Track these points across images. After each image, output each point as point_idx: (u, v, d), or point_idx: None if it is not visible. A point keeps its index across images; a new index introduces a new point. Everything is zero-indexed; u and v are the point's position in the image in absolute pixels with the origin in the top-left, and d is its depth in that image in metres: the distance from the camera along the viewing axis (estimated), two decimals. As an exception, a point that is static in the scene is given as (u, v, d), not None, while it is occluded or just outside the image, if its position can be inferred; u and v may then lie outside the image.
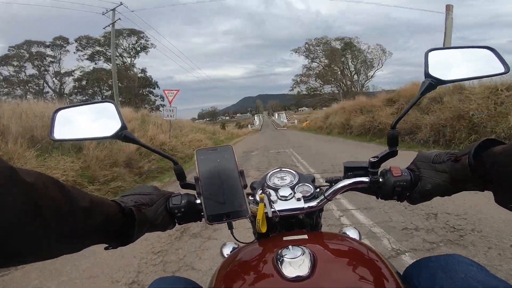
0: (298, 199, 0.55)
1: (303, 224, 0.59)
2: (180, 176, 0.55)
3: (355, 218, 2.71)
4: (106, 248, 0.42)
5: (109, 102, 0.53)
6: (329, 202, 0.56)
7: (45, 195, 0.26)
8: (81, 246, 0.34)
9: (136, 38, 27.38)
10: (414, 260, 0.49)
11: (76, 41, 28.00)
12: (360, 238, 0.66)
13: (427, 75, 0.49)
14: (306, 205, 0.55)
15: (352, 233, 0.68)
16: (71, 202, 0.30)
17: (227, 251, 0.69)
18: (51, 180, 0.28)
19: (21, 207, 0.24)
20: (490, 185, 0.38)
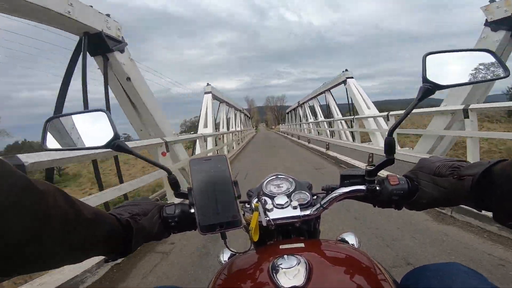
0: (295, 207, 0.54)
1: (300, 231, 0.58)
2: (174, 185, 0.54)
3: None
4: (106, 261, 0.43)
5: (101, 111, 0.52)
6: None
7: (54, 204, 0.27)
8: (84, 257, 0.34)
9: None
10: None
11: None
12: (359, 244, 0.65)
13: (424, 80, 0.48)
14: (302, 213, 0.54)
15: (351, 239, 0.67)
16: (77, 212, 0.31)
17: (225, 258, 0.69)
18: (58, 190, 0.29)
19: (34, 215, 0.25)
20: (489, 205, 0.36)
